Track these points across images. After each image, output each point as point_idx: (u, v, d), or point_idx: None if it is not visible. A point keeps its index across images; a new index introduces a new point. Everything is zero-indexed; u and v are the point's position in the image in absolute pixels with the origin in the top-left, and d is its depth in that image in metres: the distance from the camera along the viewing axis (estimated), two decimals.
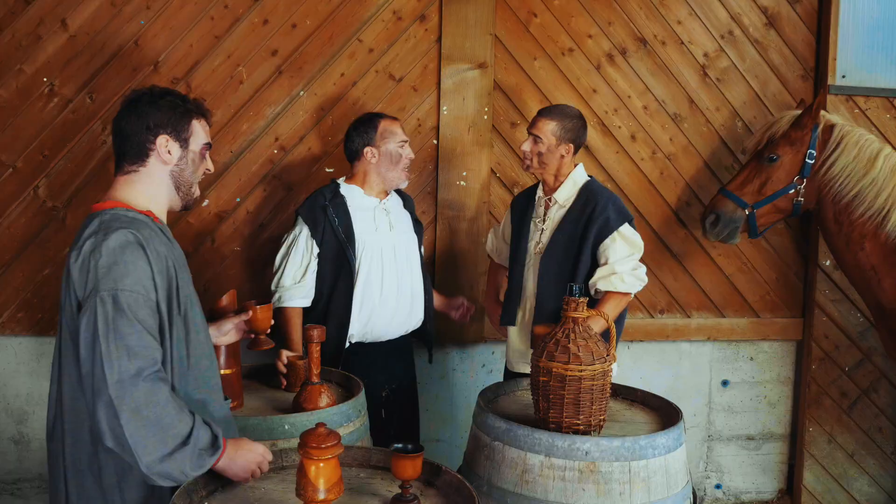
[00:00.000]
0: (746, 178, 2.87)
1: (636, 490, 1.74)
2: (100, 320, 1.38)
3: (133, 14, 2.86)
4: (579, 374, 1.77)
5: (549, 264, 2.45)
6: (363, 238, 2.50)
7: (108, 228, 1.47)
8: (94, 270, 1.42)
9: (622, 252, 2.39)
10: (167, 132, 1.58)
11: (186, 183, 1.63)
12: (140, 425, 1.35)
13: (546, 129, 2.47)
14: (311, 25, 2.96)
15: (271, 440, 1.80)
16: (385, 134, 2.54)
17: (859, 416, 3.34)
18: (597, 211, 2.40)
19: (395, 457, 1.45)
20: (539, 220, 2.55)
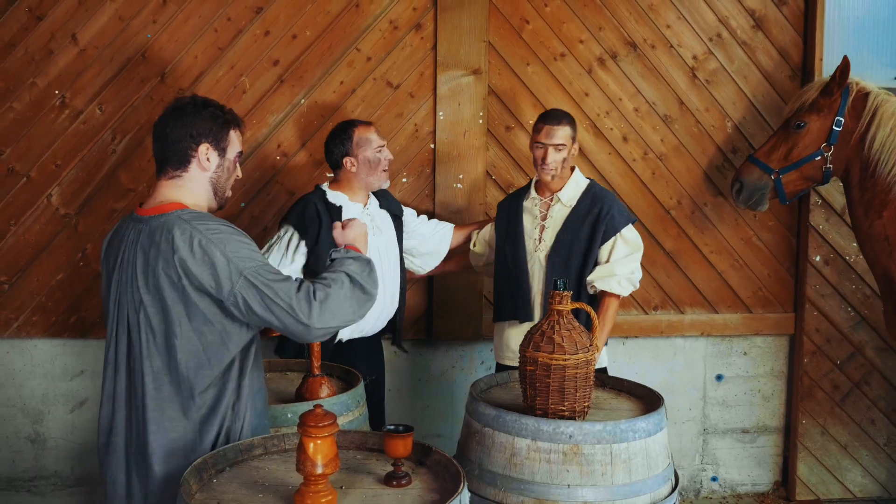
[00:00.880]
0: (774, 145, 2.96)
1: (617, 471, 1.87)
2: (263, 289, 1.62)
3: (140, 28, 3.03)
4: (563, 362, 1.92)
5: (558, 261, 2.63)
6: None
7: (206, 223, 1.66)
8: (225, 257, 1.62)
9: (622, 252, 2.61)
10: (208, 141, 1.74)
11: (222, 188, 1.80)
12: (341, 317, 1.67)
13: (566, 135, 2.65)
14: (311, 36, 3.13)
15: (275, 427, 1.95)
16: (360, 142, 2.66)
17: (852, 409, 3.45)
18: (603, 211, 2.62)
19: (388, 436, 1.60)
20: (537, 220, 2.70)
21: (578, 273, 2.62)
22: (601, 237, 2.60)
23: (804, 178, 2.94)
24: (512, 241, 2.73)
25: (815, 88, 2.91)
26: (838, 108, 2.83)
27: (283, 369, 2.55)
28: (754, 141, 3.40)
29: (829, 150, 2.84)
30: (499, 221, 2.81)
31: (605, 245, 2.62)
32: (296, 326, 1.62)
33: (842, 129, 2.83)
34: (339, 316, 1.65)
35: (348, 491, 1.59)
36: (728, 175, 3.40)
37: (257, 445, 1.71)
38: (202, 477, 1.58)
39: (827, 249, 3.40)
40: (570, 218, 2.65)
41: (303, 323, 1.61)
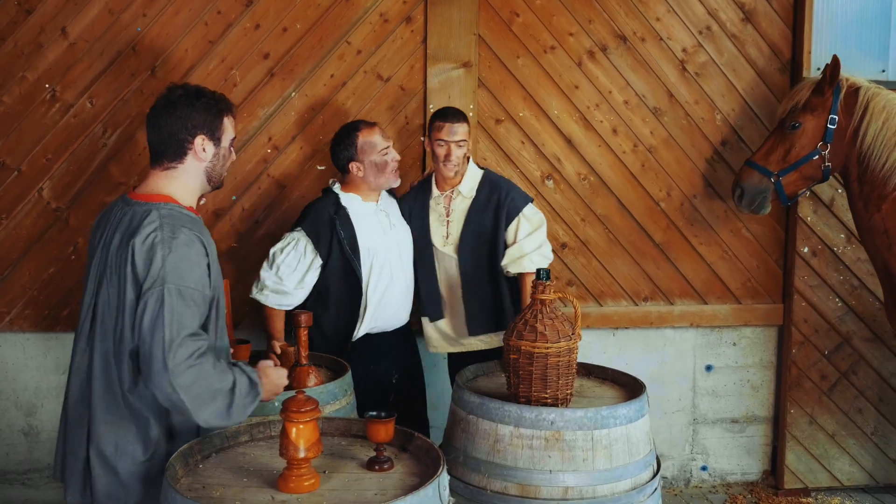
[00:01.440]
0: (770, 147, 3.00)
1: (598, 457, 1.92)
2: (166, 310, 1.59)
3: (130, 21, 3.06)
4: (546, 351, 1.96)
5: (468, 252, 2.73)
6: (368, 245, 2.70)
7: (173, 226, 1.67)
8: (163, 263, 1.62)
9: (525, 229, 2.73)
10: (204, 132, 1.77)
11: (218, 175, 1.84)
12: (197, 398, 1.58)
13: (465, 131, 2.76)
14: (302, 29, 3.16)
15: (262, 416, 1.99)
16: (365, 147, 2.68)
17: (839, 398, 3.50)
18: (503, 196, 2.75)
19: (370, 421, 1.65)
20: (443, 217, 2.80)
21: (490, 259, 2.74)
22: (505, 220, 2.72)
23: (804, 178, 2.98)
24: (420, 241, 2.82)
25: (806, 88, 2.95)
26: (831, 105, 2.87)
27: None
28: (744, 133, 3.44)
29: (826, 149, 2.88)
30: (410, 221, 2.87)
31: (510, 227, 2.74)
32: (157, 364, 1.56)
33: (836, 126, 2.86)
34: (196, 395, 1.56)
35: (331, 475, 1.63)
36: (717, 167, 3.44)
37: (243, 432, 1.76)
38: (188, 462, 1.62)
39: (815, 241, 3.44)
40: (472, 208, 2.77)
41: (167, 365, 1.54)
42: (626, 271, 3.44)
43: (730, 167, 3.45)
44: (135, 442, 1.69)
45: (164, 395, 1.58)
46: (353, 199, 2.73)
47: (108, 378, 1.70)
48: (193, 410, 1.57)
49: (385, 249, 2.72)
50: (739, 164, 3.44)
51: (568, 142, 3.36)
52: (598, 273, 3.42)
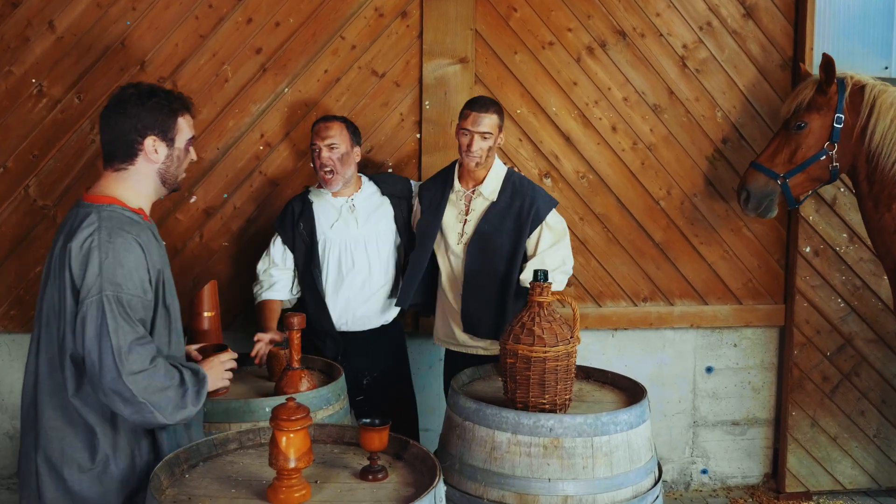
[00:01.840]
0: (776, 148, 2.93)
1: (599, 464, 1.87)
2: (108, 317, 1.57)
3: (119, 15, 3.00)
4: (543, 355, 1.91)
5: (476, 252, 2.64)
6: (327, 237, 2.73)
7: (112, 229, 1.63)
8: (100, 269, 1.58)
9: (547, 241, 2.63)
10: (155, 133, 1.72)
11: (173, 176, 1.79)
12: (153, 397, 1.58)
13: (492, 123, 2.63)
14: (295, 23, 3.10)
15: (252, 421, 1.95)
16: (313, 139, 2.74)
17: (841, 400, 3.47)
18: (526, 204, 2.64)
19: (363, 429, 1.60)
20: (462, 214, 2.71)
21: (504, 265, 2.62)
22: (528, 230, 2.63)
23: (811, 179, 2.92)
24: (425, 227, 2.74)
25: (809, 87, 2.89)
26: (836, 104, 2.81)
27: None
28: (745, 131, 3.39)
29: (834, 148, 2.83)
30: (423, 206, 2.79)
31: (531, 237, 2.64)
32: (110, 373, 1.55)
33: (843, 125, 2.81)
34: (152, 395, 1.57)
35: (323, 485, 1.58)
36: (718, 166, 3.40)
37: (232, 440, 1.71)
38: (174, 472, 1.57)
39: (817, 240, 3.40)
40: (490, 210, 2.67)
41: (120, 370, 1.55)
42: (626, 271, 3.39)
43: (731, 165, 3.40)
44: (81, 449, 1.65)
45: (118, 400, 1.57)
46: (323, 193, 2.78)
47: (54, 383, 1.67)
48: (154, 412, 1.58)
49: (345, 244, 2.72)
50: (741, 162, 3.40)
51: (566, 139, 3.31)
52: (596, 273, 3.38)
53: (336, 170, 2.70)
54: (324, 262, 2.74)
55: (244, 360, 2.52)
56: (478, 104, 2.66)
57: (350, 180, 2.77)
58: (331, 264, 2.74)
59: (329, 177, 2.70)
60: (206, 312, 2.17)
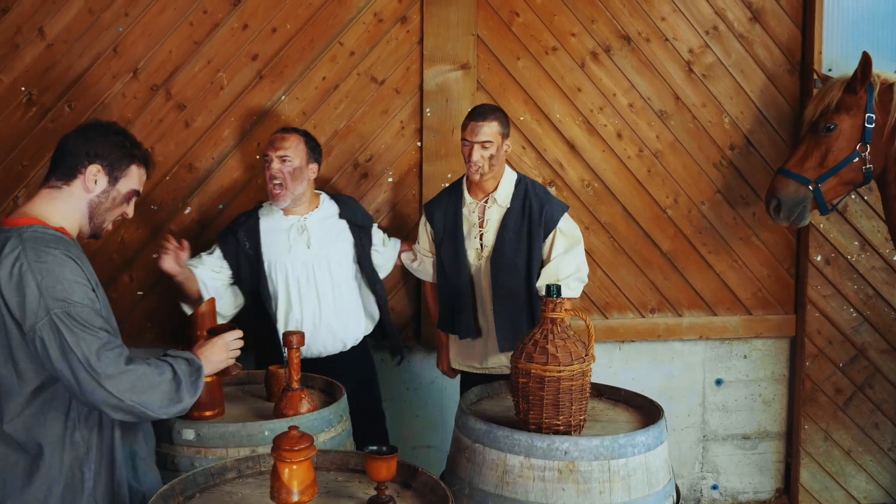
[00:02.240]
0: (805, 153, 2.82)
1: (616, 489, 1.79)
2: (65, 334, 1.53)
3: (111, 21, 2.92)
4: (558, 374, 1.83)
5: (502, 263, 2.55)
6: (273, 260, 2.59)
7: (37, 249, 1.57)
8: (39, 291, 1.53)
9: (561, 246, 2.55)
10: (101, 163, 1.69)
11: (100, 217, 1.74)
12: (142, 397, 1.55)
13: (491, 131, 2.54)
14: (292, 29, 3.02)
15: (251, 446, 1.85)
16: (267, 149, 2.63)
17: (855, 413, 3.39)
18: (535, 206, 2.56)
19: (370, 458, 1.51)
20: (476, 227, 2.61)
21: (525, 273, 2.55)
22: (543, 233, 2.55)
23: (844, 183, 2.81)
24: (452, 252, 2.62)
25: (837, 87, 2.80)
26: (866, 104, 2.72)
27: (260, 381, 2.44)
28: (753, 137, 3.33)
29: (866, 149, 2.72)
30: (436, 229, 2.68)
31: (546, 241, 2.57)
32: (88, 382, 1.52)
33: (874, 125, 2.71)
34: (141, 394, 1.55)
35: None
36: (726, 173, 3.33)
37: (230, 468, 1.61)
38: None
39: (828, 248, 3.33)
40: (507, 217, 2.58)
41: (96, 379, 1.51)
42: (633, 282, 3.31)
43: (739, 172, 3.33)
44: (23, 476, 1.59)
45: (110, 406, 1.54)
46: (274, 211, 2.64)
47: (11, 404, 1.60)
48: (146, 410, 1.56)
49: (292, 267, 2.58)
50: (749, 169, 3.34)
51: (571, 147, 3.23)
52: (602, 284, 3.30)
53: (286, 184, 2.55)
54: (272, 287, 2.59)
55: (243, 379, 2.44)
56: (476, 113, 2.58)
57: (301, 198, 2.62)
58: (279, 290, 2.58)
59: (277, 191, 2.56)
60: (205, 331, 2.08)
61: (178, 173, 3.00)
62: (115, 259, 2.99)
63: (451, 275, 2.62)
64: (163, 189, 2.99)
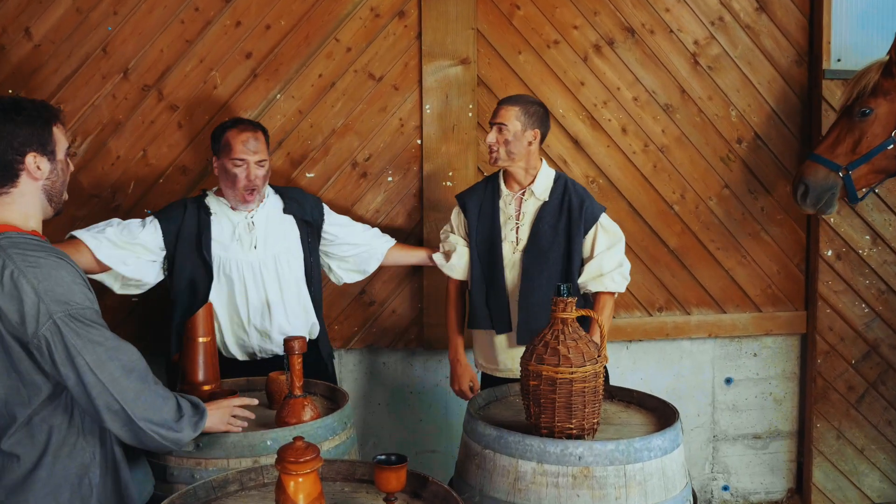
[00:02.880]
0: (837, 137, 2.74)
1: (632, 494, 1.75)
2: (70, 338, 1.49)
3: (100, 20, 2.86)
4: (570, 376, 1.78)
5: (535, 260, 2.49)
6: (222, 258, 2.44)
7: (24, 254, 1.52)
8: (37, 295, 1.48)
9: (603, 243, 2.51)
10: (34, 149, 1.60)
11: (58, 193, 1.67)
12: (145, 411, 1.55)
13: (510, 115, 2.49)
14: (286, 26, 2.98)
15: (253, 457, 1.80)
16: (224, 148, 2.42)
17: (868, 410, 3.35)
18: (575, 201, 2.51)
19: (378, 469, 1.46)
20: (512, 220, 2.56)
21: (561, 270, 2.49)
22: (582, 229, 2.49)
23: (876, 171, 2.74)
24: (488, 245, 2.57)
25: (874, 70, 2.72)
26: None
27: (261, 388, 2.39)
28: (760, 130, 3.29)
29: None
30: (470, 220, 2.61)
31: (587, 237, 2.51)
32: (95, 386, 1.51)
33: None
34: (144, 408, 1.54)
35: None
36: (733, 167, 3.29)
37: (232, 480, 1.57)
38: None
39: (839, 243, 3.30)
40: (544, 210, 2.53)
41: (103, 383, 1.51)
42: (639, 280, 3.27)
43: (747, 166, 3.30)
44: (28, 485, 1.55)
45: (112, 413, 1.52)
46: (221, 204, 2.47)
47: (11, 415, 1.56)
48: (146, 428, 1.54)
49: (236, 266, 2.43)
50: (757, 162, 3.30)
51: (574, 142, 3.19)
52: None
53: (259, 189, 2.43)
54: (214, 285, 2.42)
55: (243, 386, 2.39)
56: (504, 98, 2.58)
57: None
58: (222, 289, 2.44)
59: (251, 197, 2.42)
60: (200, 338, 2.03)
61: (171, 176, 2.95)
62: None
63: (487, 268, 2.56)
64: (156, 193, 2.94)
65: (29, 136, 1.59)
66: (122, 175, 2.92)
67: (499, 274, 2.54)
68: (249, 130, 2.43)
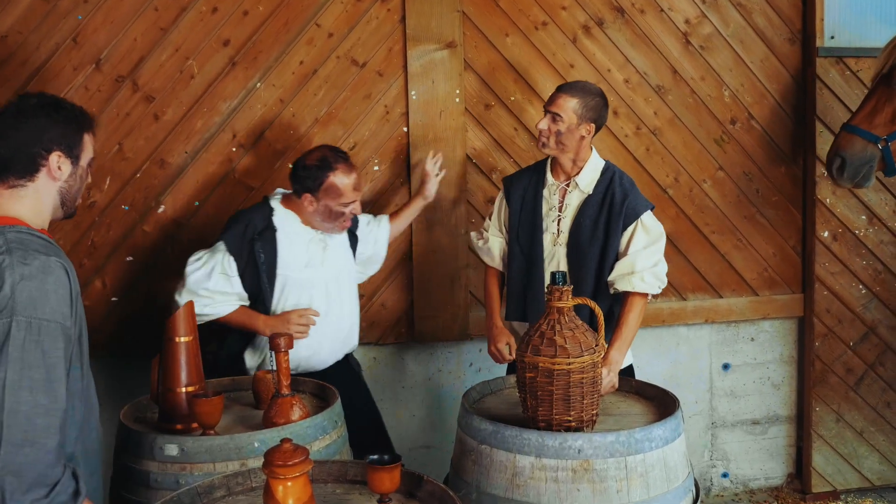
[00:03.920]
0: (874, 108, 2.66)
1: (634, 486, 1.71)
2: (13, 345, 1.41)
3: (69, 9, 2.78)
4: (567, 367, 1.75)
5: (575, 255, 2.41)
6: (288, 278, 2.43)
7: (25, 251, 1.49)
8: (12, 292, 1.44)
9: (641, 241, 2.39)
10: (61, 149, 1.61)
11: (72, 198, 1.67)
12: (19, 460, 1.38)
13: (567, 106, 2.39)
14: (265, 11, 2.90)
15: (240, 459, 1.76)
16: (329, 190, 2.40)
17: (867, 392, 3.35)
18: (618, 195, 2.40)
19: (371, 469, 1.42)
20: (554, 210, 2.47)
21: (596, 264, 2.39)
22: (622, 223, 2.38)
23: None
24: (528, 234, 2.49)
25: None
26: None
27: (247, 388, 2.34)
28: (754, 111, 3.26)
29: None
30: (513, 208, 2.54)
31: (624, 233, 2.39)
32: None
33: None
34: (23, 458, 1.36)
35: None
36: (727, 149, 3.26)
37: (219, 486, 1.52)
38: None
39: (835, 224, 3.28)
40: (587, 202, 2.43)
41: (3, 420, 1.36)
42: None
43: (742, 147, 3.27)
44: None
45: None
46: (290, 219, 2.46)
47: None
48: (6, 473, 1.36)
49: (305, 285, 2.43)
50: (751, 143, 3.27)
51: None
52: None
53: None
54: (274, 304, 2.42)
55: (228, 386, 2.34)
56: (564, 85, 2.47)
57: None
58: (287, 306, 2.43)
59: (347, 225, 2.46)
60: (181, 337, 1.98)
61: (149, 170, 2.88)
62: (86, 264, 2.86)
63: (527, 258, 2.48)
64: (133, 187, 2.87)
65: (59, 135, 1.60)
66: (97, 170, 2.84)
67: (538, 266, 2.45)
68: (353, 170, 2.45)
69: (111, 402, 2.64)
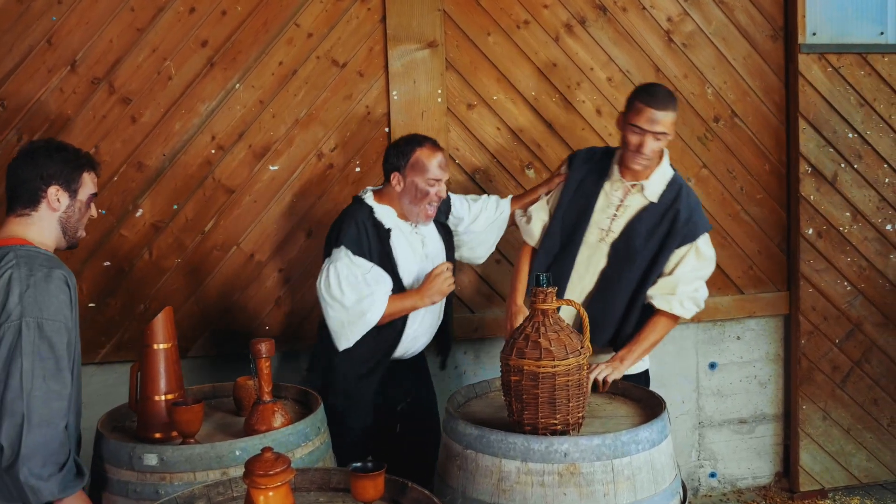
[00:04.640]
0: None
1: (621, 490, 1.72)
2: (24, 341, 1.68)
3: (43, 9, 2.75)
4: (553, 370, 1.74)
5: (617, 256, 2.37)
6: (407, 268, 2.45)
7: (32, 265, 1.76)
8: (20, 298, 1.70)
9: (690, 265, 2.36)
10: (58, 183, 1.89)
11: (73, 228, 1.95)
12: (38, 440, 1.66)
13: (668, 121, 2.31)
14: (243, 11, 2.88)
15: (221, 468, 1.74)
16: (415, 165, 2.41)
17: (853, 390, 3.38)
18: (682, 213, 2.35)
19: (354, 477, 1.41)
20: (612, 208, 2.41)
21: (642, 273, 2.35)
22: (677, 241, 2.34)
23: None
24: (573, 219, 2.43)
25: None
26: None
27: (228, 394, 2.32)
28: (737, 108, 3.28)
29: None
30: (568, 185, 2.48)
31: (677, 251, 2.34)
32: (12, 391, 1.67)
33: None
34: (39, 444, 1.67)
35: None
36: (711, 146, 3.28)
37: (199, 496, 1.50)
38: None
39: (820, 221, 3.31)
40: (648, 209, 2.37)
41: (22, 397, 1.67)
42: None
43: (725, 145, 3.29)
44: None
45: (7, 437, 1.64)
46: (388, 214, 2.45)
47: None
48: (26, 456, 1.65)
49: (413, 276, 2.46)
50: (734, 141, 3.30)
51: (549, 126, 3.15)
52: None
53: None
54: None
55: (209, 393, 2.32)
56: (658, 98, 2.30)
57: None
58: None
59: (434, 212, 2.46)
60: (160, 344, 1.95)
61: (126, 173, 2.85)
62: None
63: (562, 241, 2.44)
64: (111, 191, 2.84)
65: (58, 172, 1.89)
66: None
67: (570, 253, 2.41)
68: (440, 151, 2.47)
69: (88, 411, 2.60)
